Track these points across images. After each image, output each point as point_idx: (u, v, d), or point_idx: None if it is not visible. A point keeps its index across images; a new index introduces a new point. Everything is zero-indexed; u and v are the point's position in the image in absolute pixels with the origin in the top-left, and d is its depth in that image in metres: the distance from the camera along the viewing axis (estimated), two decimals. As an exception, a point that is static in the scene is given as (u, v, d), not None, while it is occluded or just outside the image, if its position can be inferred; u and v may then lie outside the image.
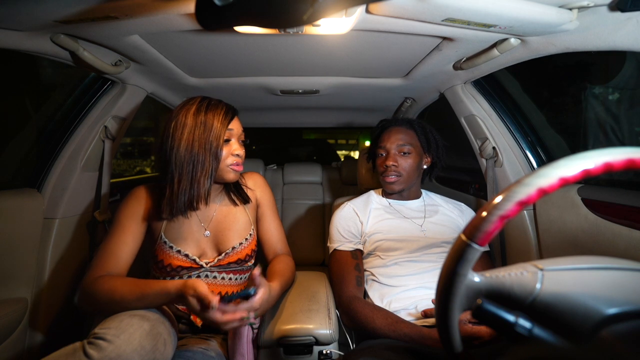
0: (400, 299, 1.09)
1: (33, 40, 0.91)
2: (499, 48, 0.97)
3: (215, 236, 1.07)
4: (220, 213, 1.10)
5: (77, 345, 0.73)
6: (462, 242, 0.44)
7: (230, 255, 1.06)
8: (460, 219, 1.31)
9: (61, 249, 1.29)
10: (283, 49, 1.10)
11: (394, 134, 1.29)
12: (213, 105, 1.00)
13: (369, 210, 1.30)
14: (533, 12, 0.74)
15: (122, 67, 1.15)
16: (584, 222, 1.03)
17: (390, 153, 1.28)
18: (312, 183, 2.25)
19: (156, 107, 1.55)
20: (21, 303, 1.16)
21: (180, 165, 0.95)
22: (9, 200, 1.14)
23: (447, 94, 1.44)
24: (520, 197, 0.42)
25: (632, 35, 0.74)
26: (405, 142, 1.27)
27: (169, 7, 0.77)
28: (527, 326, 0.41)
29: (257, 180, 1.22)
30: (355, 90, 1.54)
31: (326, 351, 0.98)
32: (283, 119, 2.22)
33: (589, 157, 0.41)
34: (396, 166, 1.26)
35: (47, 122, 1.36)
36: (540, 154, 1.31)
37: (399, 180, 1.27)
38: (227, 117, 1.00)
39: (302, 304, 1.04)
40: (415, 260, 1.16)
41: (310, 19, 0.44)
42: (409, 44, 1.04)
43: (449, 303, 0.46)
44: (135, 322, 0.77)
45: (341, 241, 1.23)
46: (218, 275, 1.06)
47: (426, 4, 0.72)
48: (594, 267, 0.44)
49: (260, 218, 1.18)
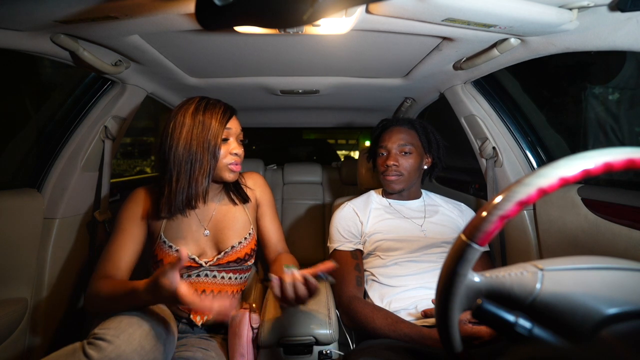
0: (400, 299, 1.09)
1: (33, 40, 0.91)
2: (499, 48, 0.97)
3: (214, 235, 1.07)
4: (220, 212, 1.10)
5: (76, 345, 0.73)
6: (462, 242, 0.44)
7: (230, 254, 1.06)
8: (460, 219, 1.31)
9: (61, 249, 1.29)
10: (283, 49, 1.10)
11: (395, 134, 1.29)
12: (211, 105, 1.00)
13: (369, 210, 1.30)
14: (533, 12, 0.74)
15: (122, 67, 1.15)
16: (584, 222, 1.03)
17: (392, 153, 1.28)
18: (312, 183, 2.25)
19: (156, 107, 1.55)
20: (21, 303, 1.16)
21: (179, 164, 0.95)
22: (9, 200, 1.14)
23: (447, 94, 1.44)
24: (520, 197, 0.42)
25: (632, 35, 0.74)
26: (406, 142, 1.27)
27: (169, 7, 0.77)
28: (527, 326, 0.41)
29: (257, 180, 1.22)
30: (355, 90, 1.54)
31: (326, 351, 0.98)
32: (283, 119, 2.22)
33: (589, 157, 0.41)
34: (397, 166, 1.26)
35: (47, 122, 1.36)
36: (540, 154, 1.31)
37: (400, 179, 1.27)
38: (225, 116, 1.01)
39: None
40: (415, 260, 1.16)
41: (310, 19, 0.44)
42: (409, 44, 1.04)
43: (449, 303, 0.46)
44: (135, 322, 0.78)
45: (341, 241, 1.23)
46: (218, 275, 1.06)
47: (426, 4, 0.72)
48: (594, 267, 0.44)
49: (260, 218, 1.18)
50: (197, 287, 1.04)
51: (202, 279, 1.04)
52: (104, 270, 0.94)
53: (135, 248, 1.00)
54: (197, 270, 1.03)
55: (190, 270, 1.03)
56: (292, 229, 2.11)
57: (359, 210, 1.30)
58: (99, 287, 0.88)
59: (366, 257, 1.24)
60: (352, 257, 1.20)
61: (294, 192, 2.20)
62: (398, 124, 1.33)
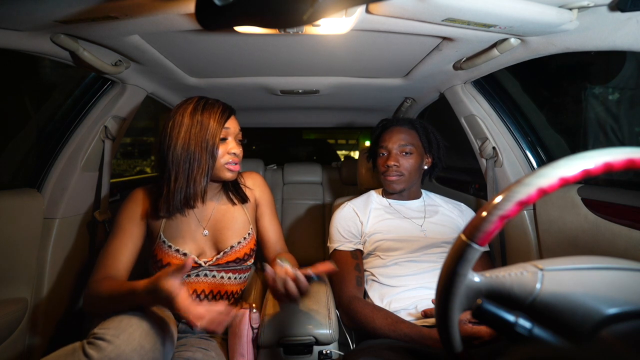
0: (400, 299, 1.09)
1: (33, 40, 0.91)
2: (499, 48, 0.97)
3: (213, 235, 1.07)
4: (219, 212, 1.10)
5: (76, 345, 0.73)
6: (462, 242, 0.44)
7: (229, 254, 1.06)
8: (460, 219, 1.31)
9: (61, 249, 1.29)
10: (283, 49, 1.10)
11: (396, 134, 1.29)
12: (210, 105, 1.01)
13: (369, 210, 1.30)
14: (533, 12, 0.74)
15: (122, 67, 1.15)
16: (584, 222, 1.03)
17: (392, 153, 1.27)
18: (312, 183, 2.25)
19: (156, 107, 1.55)
20: (21, 303, 1.16)
21: (177, 163, 0.96)
22: (9, 200, 1.14)
23: (447, 94, 1.44)
24: (520, 197, 0.42)
25: (632, 35, 0.74)
26: (407, 142, 1.27)
27: (169, 7, 0.77)
28: (527, 326, 0.41)
29: (256, 180, 1.22)
30: (355, 90, 1.54)
31: (326, 351, 0.98)
32: (283, 119, 2.22)
33: (589, 157, 0.41)
34: (398, 166, 1.26)
35: (47, 122, 1.36)
36: (540, 154, 1.31)
37: (401, 179, 1.27)
38: (224, 115, 1.01)
39: (302, 304, 1.04)
40: (415, 260, 1.16)
41: (310, 19, 0.44)
42: (409, 44, 1.04)
43: (449, 303, 0.46)
44: (134, 322, 0.78)
45: (341, 241, 1.23)
46: (217, 274, 1.06)
47: (426, 4, 0.72)
48: (594, 267, 0.44)
49: (260, 218, 1.18)
50: (196, 286, 1.04)
51: (201, 278, 1.04)
52: (103, 271, 0.94)
53: (134, 248, 1.00)
54: (196, 270, 1.03)
55: (189, 270, 1.03)
56: (292, 229, 2.11)
57: (359, 210, 1.30)
58: (98, 288, 0.88)
59: (366, 257, 1.24)
60: (352, 257, 1.20)
61: (294, 192, 2.20)
62: (398, 124, 1.33)
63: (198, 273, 1.04)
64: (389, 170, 1.27)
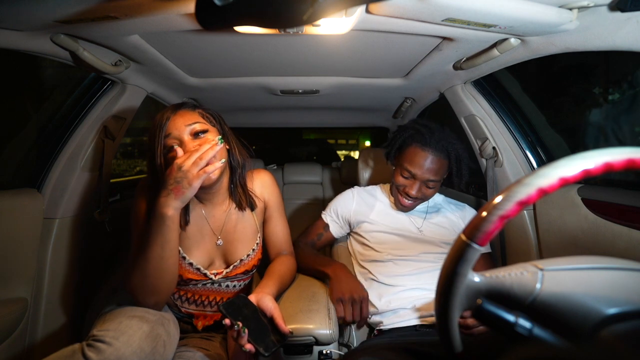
0: (398, 299, 1.10)
1: (33, 40, 0.91)
2: (499, 48, 0.97)
3: (225, 246, 1.06)
4: (230, 221, 1.07)
5: (75, 347, 0.72)
6: (462, 242, 0.44)
7: (238, 267, 1.05)
8: (462, 220, 1.31)
9: (61, 249, 1.29)
10: (283, 49, 1.10)
11: (429, 163, 1.17)
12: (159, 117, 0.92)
13: (370, 203, 1.34)
14: (533, 12, 0.74)
15: (122, 67, 1.15)
16: (584, 222, 1.03)
17: (416, 182, 1.19)
18: (312, 183, 2.25)
19: (156, 107, 1.55)
20: (21, 303, 1.16)
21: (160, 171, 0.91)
22: (9, 200, 1.13)
23: (447, 94, 1.44)
24: (520, 197, 0.42)
25: (632, 35, 0.74)
26: (435, 178, 1.19)
27: (169, 7, 0.77)
28: (527, 326, 0.41)
29: (265, 180, 1.17)
30: (355, 90, 1.53)
31: (326, 351, 0.98)
32: (283, 119, 2.22)
33: (589, 157, 0.41)
34: (419, 197, 1.23)
35: (47, 122, 1.35)
36: (540, 154, 1.31)
37: (415, 204, 1.26)
38: (163, 123, 0.89)
39: (302, 304, 1.04)
40: (412, 259, 1.17)
41: (310, 19, 0.44)
42: (409, 44, 1.03)
43: (449, 303, 0.46)
44: (134, 323, 0.77)
45: (327, 213, 1.41)
46: (223, 284, 1.06)
47: (426, 4, 0.72)
48: (594, 267, 0.43)
49: (268, 220, 1.17)
50: (202, 294, 1.05)
51: (207, 287, 1.05)
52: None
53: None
54: (206, 282, 1.04)
55: (199, 282, 1.03)
56: (292, 229, 2.08)
57: (359, 199, 1.36)
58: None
59: (362, 249, 1.26)
60: (323, 228, 1.39)
61: (294, 192, 2.20)
62: (434, 151, 1.17)
63: (205, 283, 1.04)
64: (407, 196, 1.22)
